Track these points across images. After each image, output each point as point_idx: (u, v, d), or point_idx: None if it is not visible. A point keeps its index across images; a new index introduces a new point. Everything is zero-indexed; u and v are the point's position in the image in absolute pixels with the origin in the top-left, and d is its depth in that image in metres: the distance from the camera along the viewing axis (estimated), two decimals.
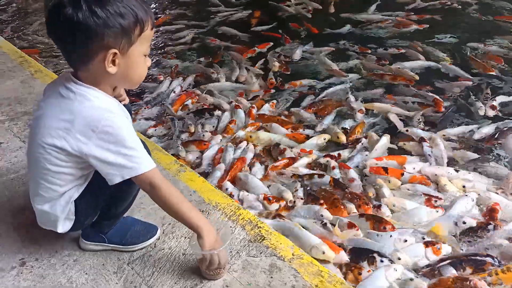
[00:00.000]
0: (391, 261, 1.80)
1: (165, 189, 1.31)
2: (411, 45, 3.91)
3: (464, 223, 1.94)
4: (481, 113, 2.89)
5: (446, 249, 1.86)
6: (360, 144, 2.64)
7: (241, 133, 2.81)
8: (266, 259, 1.53)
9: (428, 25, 4.28)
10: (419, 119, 2.88)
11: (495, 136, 2.64)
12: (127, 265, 1.51)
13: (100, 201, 1.43)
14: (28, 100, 2.65)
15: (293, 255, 1.55)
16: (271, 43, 4.17)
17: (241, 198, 2.21)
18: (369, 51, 3.87)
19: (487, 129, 2.73)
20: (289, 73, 3.61)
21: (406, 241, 1.89)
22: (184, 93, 3.40)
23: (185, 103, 3.24)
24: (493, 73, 3.37)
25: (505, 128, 2.70)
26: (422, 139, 2.60)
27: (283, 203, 2.18)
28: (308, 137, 2.75)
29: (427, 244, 1.87)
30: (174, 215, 1.38)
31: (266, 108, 3.11)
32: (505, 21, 4.33)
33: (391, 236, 1.90)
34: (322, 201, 2.13)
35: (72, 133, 1.24)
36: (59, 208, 1.38)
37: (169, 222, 1.67)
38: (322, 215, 2.02)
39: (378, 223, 1.98)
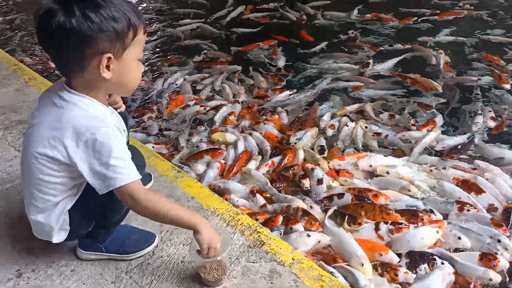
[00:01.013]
0: (453, 265, 1.79)
1: (148, 200, 1.27)
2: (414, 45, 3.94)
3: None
4: (475, 128, 2.72)
5: (503, 264, 1.78)
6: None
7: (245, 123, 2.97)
8: (266, 264, 1.52)
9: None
10: (409, 117, 2.92)
11: (455, 149, 2.57)
12: (125, 274, 1.49)
13: (93, 211, 1.41)
14: (23, 108, 2.63)
15: (293, 259, 1.53)
16: (276, 41, 4.22)
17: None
18: (381, 48, 3.93)
19: (452, 141, 2.64)
20: (283, 83, 3.53)
21: (460, 238, 1.89)
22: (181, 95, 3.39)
23: (188, 102, 3.25)
24: (508, 86, 3.16)
25: (466, 142, 2.61)
26: (376, 134, 2.71)
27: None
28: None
29: (482, 256, 1.82)
30: (165, 222, 1.37)
31: (285, 95, 3.32)
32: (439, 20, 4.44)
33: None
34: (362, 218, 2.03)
35: (62, 142, 1.23)
36: (53, 219, 1.36)
37: (167, 229, 1.65)
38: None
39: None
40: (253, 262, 1.52)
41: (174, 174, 2.00)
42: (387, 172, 2.34)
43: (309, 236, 1.90)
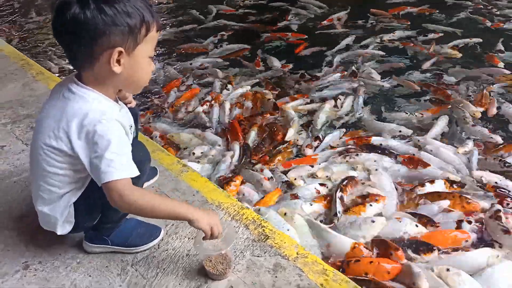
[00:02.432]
0: None
1: (138, 196, 1.25)
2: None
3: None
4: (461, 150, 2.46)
5: None
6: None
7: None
8: (270, 258, 1.52)
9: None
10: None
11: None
12: (131, 267, 1.50)
13: (98, 205, 1.41)
14: (30, 102, 2.65)
15: (297, 254, 1.54)
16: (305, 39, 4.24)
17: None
18: (412, 44, 3.95)
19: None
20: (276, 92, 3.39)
21: None
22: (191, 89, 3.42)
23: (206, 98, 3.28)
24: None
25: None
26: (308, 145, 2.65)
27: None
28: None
29: None
30: (156, 216, 1.34)
31: (337, 76, 3.49)
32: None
33: None
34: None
35: (66, 133, 1.24)
36: (58, 210, 1.38)
37: (172, 223, 1.66)
38: None
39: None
40: (258, 256, 1.53)
41: (179, 168, 2.01)
42: (327, 176, 2.34)
43: (373, 221, 1.91)
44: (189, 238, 1.60)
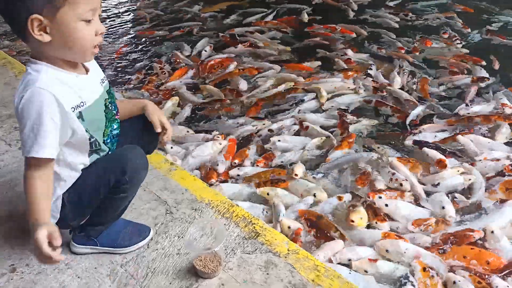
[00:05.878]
0: None
1: (32, 179, 1.22)
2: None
3: None
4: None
5: None
6: None
7: None
8: (261, 255, 1.52)
9: None
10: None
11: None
12: (120, 267, 1.48)
13: (85, 204, 1.39)
14: (12, 102, 2.58)
15: (288, 250, 1.54)
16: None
17: None
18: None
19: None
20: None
21: None
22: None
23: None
24: None
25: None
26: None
27: None
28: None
29: None
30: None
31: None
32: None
33: None
34: None
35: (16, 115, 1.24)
36: None
37: (162, 222, 1.65)
38: None
39: None
40: (249, 253, 1.52)
41: (167, 166, 1.99)
42: None
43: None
44: (178, 237, 1.59)
